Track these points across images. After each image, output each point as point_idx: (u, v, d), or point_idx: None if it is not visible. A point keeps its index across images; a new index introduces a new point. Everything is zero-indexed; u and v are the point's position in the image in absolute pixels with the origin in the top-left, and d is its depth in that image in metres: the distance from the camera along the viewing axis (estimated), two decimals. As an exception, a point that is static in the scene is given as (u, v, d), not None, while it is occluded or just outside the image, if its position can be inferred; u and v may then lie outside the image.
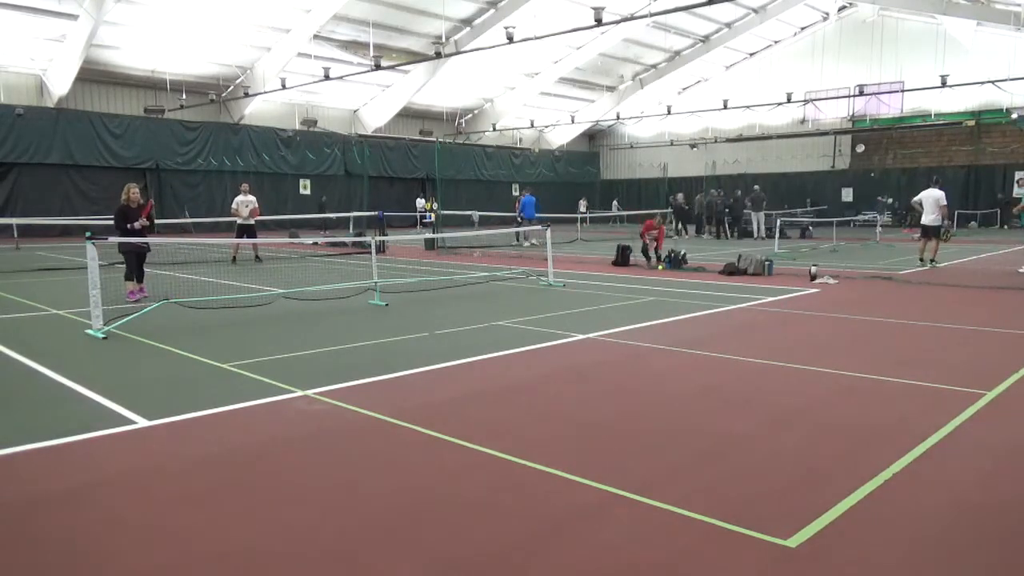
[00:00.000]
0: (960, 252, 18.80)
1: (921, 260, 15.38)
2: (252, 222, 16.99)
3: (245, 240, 16.61)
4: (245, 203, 16.84)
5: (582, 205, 38.62)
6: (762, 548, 3.07)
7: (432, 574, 2.92)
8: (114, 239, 9.43)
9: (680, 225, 28.50)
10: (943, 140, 34.25)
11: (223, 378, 6.03)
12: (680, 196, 29.36)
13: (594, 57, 34.57)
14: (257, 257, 17.53)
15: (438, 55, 24.71)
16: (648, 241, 15.83)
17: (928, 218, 15.21)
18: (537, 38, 20.70)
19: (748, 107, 33.38)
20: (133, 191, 10.59)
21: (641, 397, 5.54)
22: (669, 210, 28.63)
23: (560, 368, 6.47)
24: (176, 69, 28.18)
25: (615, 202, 42.12)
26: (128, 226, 10.35)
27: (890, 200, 33.48)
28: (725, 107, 31.00)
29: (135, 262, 10.65)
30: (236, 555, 3.08)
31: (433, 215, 29.18)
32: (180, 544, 3.17)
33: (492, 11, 28.94)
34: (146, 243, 10.57)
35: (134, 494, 3.71)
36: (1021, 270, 14.34)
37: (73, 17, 22.94)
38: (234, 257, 17.12)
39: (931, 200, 15.08)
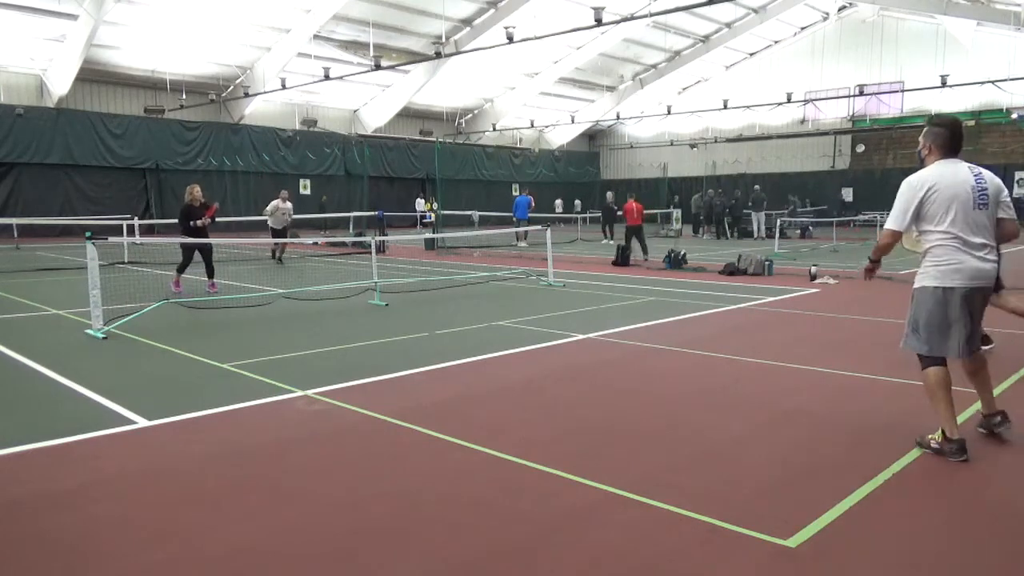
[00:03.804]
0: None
1: None
2: (281, 226, 16.70)
3: (268, 241, 16.33)
4: (282, 210, 16.59)
5: (558, 205, 38.51)
6: (762, 548, 3.07)
7: (432, 574, 2.92)
8: (177, 239, 10.69)
9: (607, 228, 24.81)
10: (943, 140, 34.21)
11: (223, 378, 6.03)
12: (609, 195, 25.38)
13: (594, 57, 34.54)
14: (279, 258, 16.90)
15: (438, 55, 24.70)
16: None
17: None
18: (537, 38, 20.70)
19: (748, 107, 33.38)
20: (196, 191, 11.42)
21: (641, 397, 5.54)
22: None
23: (560, 368, 6.47)
24: (176, 69, 28.16)
25: (577, 201, 40.43)
26: (192, 223, 11.10)
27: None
28: (725, 107, 31.00)
29: (194, 258, 11.36)
30: (236, 555, 3.08)
31: (433, 215, 29.17)
32: (180, 544, 3.17)
33: (492, 11, 28.93)
34: (208, 242, 11.41)
35: (134, 494, 3.71)
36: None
37: (73, 17, 22.93)
38: (279, 256, 16.88)
39: None
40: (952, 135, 4.11)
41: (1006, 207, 4.18)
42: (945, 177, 4.02)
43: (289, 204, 16.95)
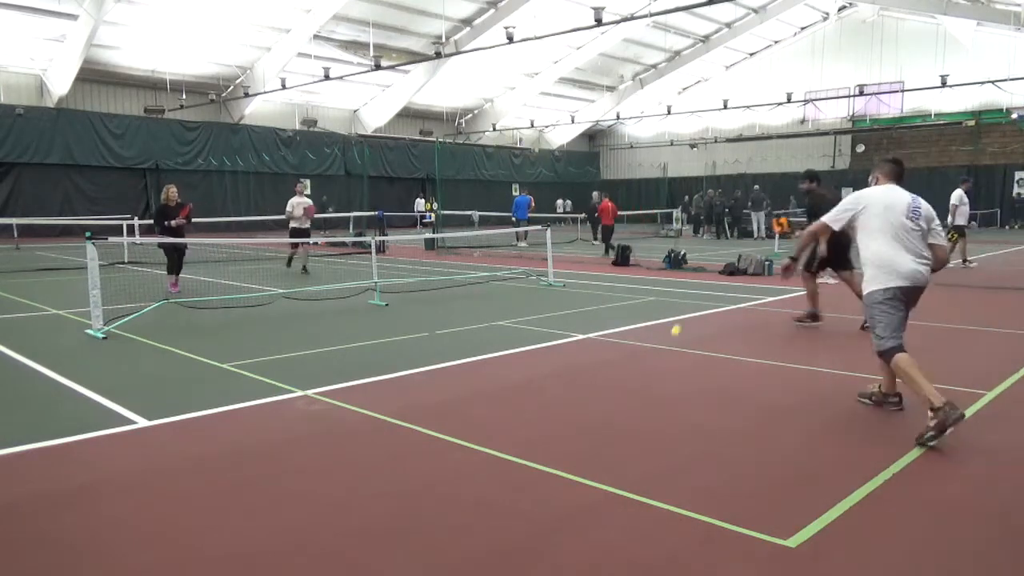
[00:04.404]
0: (960, 252, 18.77)
1: (964, 261, 15.29)
2: (307, 225, 14.85)
3: (289, 240, 14.60)
4: (301, 204, 14.55)
5: (560, 206, 38.46)
6: (762, 548, 3.07)
7: (432, 574, 2.92)
8: (153, 239, 10.74)
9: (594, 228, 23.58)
10: (943, 140, 34.22)
11: (223, 378, 6.03)
12: (596, 195, 22.90)
13: (594, 57, 34.54)
14: (303, 267, 14.69)
15: (438, 55, 24.70)
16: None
17: (949, 219, 15.38)
18: (537, 38, 20.70)
19: (748, 107, 33.37)
20: (171, 191, 11.43)
21: (641, 397, 5.54)
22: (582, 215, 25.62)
23: (560, 368, 6.47)
24: (176, 69, 28.15)
25: (567, 201, 39.59)
26: (166, 223, 11.15)
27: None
28: (725, 107, 30.99)
29: (178, 257, 11.44)
30: (236, 555, 3.08)
31: (433, 215, 29.15)
32: (180, 544, 3.17)
33: (492, 11, 28.92)
34: (184, 242, 11.41)
35: (134, 494, 3.71)
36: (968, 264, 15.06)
37: (73, 17, 22.92)
38: (289, 259, 14.98)
39: (951, 201, 15.20)
40: (897, 167, 4.93)
41: (936, 234, 4.77)
42: (885, 196, 4.75)
43: (304, 198, 14.80)
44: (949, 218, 15.28)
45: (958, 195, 15.10)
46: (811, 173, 9.27)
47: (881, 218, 4.64)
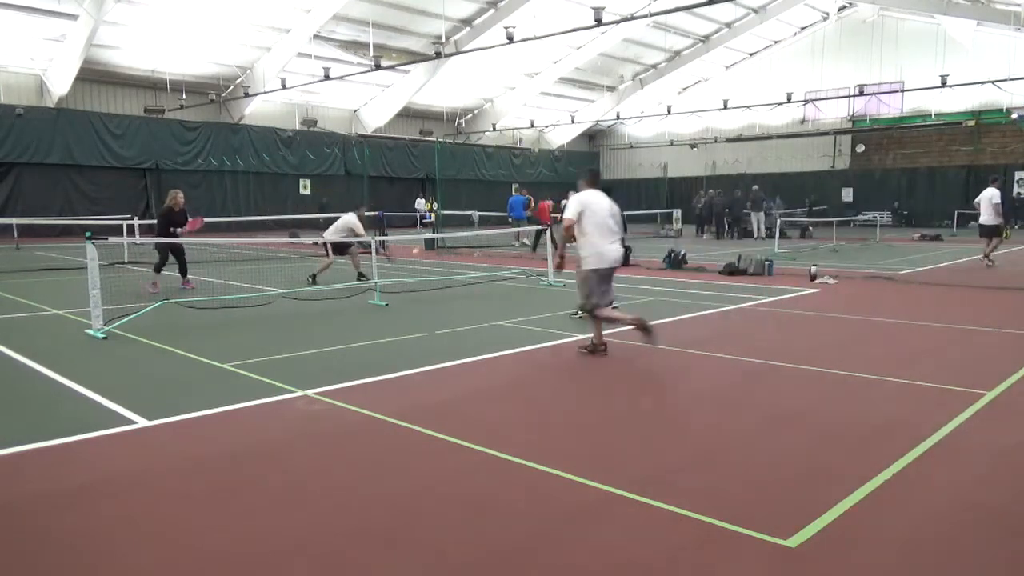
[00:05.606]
0: (960, 252, 18.80)
1: (988, 259, 15.34)
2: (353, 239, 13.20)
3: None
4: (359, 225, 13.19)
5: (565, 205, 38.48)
6: (762, 548, 3.07)
7: (432, 574, 2.92)
8: (153, 239, 11.38)
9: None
10: (943, 140, 34.22)
11: (223, 378, 6.03)
12: (572, 195, 23.25)
13: (594, 57, 34.52)
14: (361, 274, 13.03)
15: (438, 55, 24.69)
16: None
17: (983, 218, 15.49)
18: (537, 38, 20.69)
19: (748, 107, 33.35)
20: (179, 197, 11.65)
21: (641, 397, 5.54)
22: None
23: (560, 368, 6.47)
24: (176, 69, 28.15)
25: (564, 201, 40.14)
26: (171, 229, 11.39)
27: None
28: (725, 107, 30.96)
29: (168, 259, 11.62)
30: (236, 555, 3.08)
31: (433, 215, 29.13)
32: (180, 544, 3.17)
33: (492, 11, 28.91)
34: (181, 243, 11.63)
35: (134, 494, 3.71)
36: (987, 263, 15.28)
37: (73, 17, 22.92)
38: (359, 274, 13.07)
39: (985, 200, 15.24)
40: (595, 176, 7.13)
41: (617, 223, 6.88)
42: (594, 199, 6.74)
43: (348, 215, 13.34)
44: (997, 216, 15.05)
45: (998, 194, 15.19)
46: (587, 173, 10.12)
47: (595, 215, 6.58)
